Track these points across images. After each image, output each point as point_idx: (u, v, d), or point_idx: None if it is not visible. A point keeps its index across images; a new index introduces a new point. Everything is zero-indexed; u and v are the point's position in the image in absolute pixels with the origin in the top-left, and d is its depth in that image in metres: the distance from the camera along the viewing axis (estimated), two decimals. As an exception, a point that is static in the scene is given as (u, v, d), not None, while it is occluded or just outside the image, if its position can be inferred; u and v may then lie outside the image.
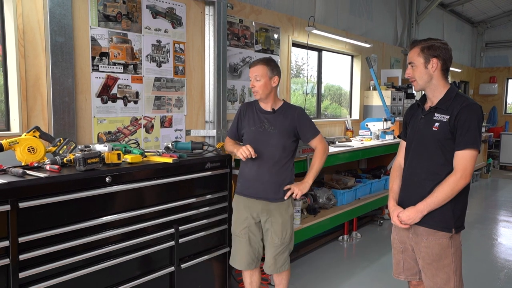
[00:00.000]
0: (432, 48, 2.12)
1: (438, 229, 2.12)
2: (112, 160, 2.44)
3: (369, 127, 5.82)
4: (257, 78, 2.68)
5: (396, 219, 2.22)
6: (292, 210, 2.82)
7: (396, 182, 2.34)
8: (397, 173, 2.37)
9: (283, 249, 2.78)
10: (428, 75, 2.14)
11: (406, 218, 2.16)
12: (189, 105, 3.80)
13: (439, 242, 2.13)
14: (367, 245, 4.71)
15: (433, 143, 2.12)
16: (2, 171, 2.14)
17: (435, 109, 2.15)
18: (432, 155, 2.13)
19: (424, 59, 2.13)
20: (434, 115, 2.14)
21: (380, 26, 7.09)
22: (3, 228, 1.95)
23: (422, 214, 2.12)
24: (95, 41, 3.05)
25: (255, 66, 2.71)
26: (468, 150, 2.03)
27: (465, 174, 2.03)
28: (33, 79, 2.75)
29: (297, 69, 5.67)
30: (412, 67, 2.18)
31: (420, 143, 2.19)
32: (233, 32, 4.18)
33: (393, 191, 2.34)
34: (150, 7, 3.42)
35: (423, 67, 2.13)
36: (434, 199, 2.08)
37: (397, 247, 2.35)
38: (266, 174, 2.71)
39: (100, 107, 3.12)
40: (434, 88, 2.16)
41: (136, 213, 2.49)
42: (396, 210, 2.24)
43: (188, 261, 2.82)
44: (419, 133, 2.20)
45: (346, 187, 4.86)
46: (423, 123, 2.19)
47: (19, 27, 2.65)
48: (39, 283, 2.07)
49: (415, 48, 2.17)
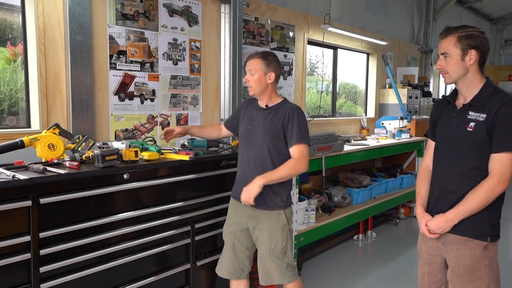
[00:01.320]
0: (470, 38, 1.87)
1: (471, 237, 1.89)
2: (129, 157, 2.47)
3: (384, 125, 5.76)
4: (252, 72, 2.45)
5: (425, 228, 2.00)
6: (284, 220, 2.48)
7: (424, 186, 2.12)
8: (424, 176, 2.14)
9: (275, 260, 2.48)
10: (464, 68, 1.90)
11: (435, 228, 1.96)
12: (204, 103, 3.81)
13: (471, 252, 1.90)
14: (383, 244, 4.67)
15: (467, 145, 1.90)
16: (23, 167, 2.19)
17: (470, 107, 1.92)
18: (465, 158, 1.92)
19: (462, 50, 1.88)
20: (468, 113, 1.91)
21: (397, 23, 7.01)
22: (25, 223, 1.99)
23: (453, 223, 1.91)
24: (113, 39, 3.08)
25: (250, 60, 2.48)
26: (507, 153, 1.81)
27: (503, 179, 1.82)
28: (53, 77, 2.79)
29: (311, 67, 5.65)
30: (445, 58, 1.93)
31: (452, 144, 1.97)
32: (249, 30, 4.19)
33: (420, 196, 2.12)
34: (167, 5, 3.44)
35: (459, 59, 1.89)
36: (467, 207, 1.86)
37: (424, 258, 2.15)
38: (251, 177, 2.37)
39: (117, 105, 3.16)
40: (469, 82, 1.93)
41: (153, 210, 2.52)
42: (424, 218, 2.03)
43: (203, 258, 2.84)
44: (451, 134, 1.98)
45: (361, 186, 4.83)
46: (455, 122, 1.96)
47: (40, 26, 2.70)
48: (58, 278, 2.11)
49: (451, 37, 1.91)
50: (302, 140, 2.40)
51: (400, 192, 5.25)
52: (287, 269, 2.51)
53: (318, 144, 3.75)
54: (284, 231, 2.49)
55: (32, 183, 1.98)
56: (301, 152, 2.39)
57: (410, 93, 6.37)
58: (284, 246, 2.49)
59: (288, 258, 2.52)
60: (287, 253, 2.51)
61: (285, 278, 2.50)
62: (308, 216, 3.81)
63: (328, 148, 3.87)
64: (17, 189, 1.93)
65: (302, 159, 2.38)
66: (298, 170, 2.42)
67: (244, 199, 2.32)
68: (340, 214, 4.19)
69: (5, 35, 2.77)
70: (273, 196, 2.46)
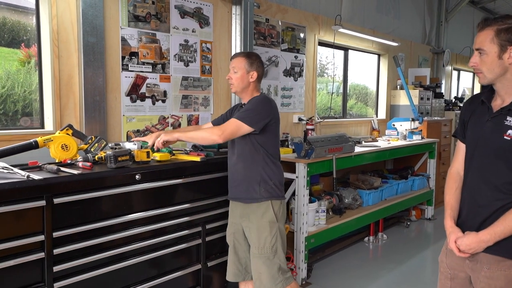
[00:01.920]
0: (511, 32, 1.61)
1: (506, 256, 1.66)
2: (141, 158, 2.49)
3: (396, 127, 5.72)
4: (234, 70, 2.52)
5: (453, 245, 1.76)
6: (272, 216, 2.47)
7: (454, 196, 1.86)
8: (455, 184, 1.88)
9: (266, 262, 2.45)
10: (502, 67, 1.65)
11: (466, 248, 1.72)
12: (215, 104, 3.83)
13: (505, 273, 1.68)
14: (394, 246, 4.64)
15: (503, 155, 1.66)
16: (37, 167, 2.22)
17: (508, 111, 1.66)
18: (500, 171, 1.68)
19: (500, 47, 1.62)
20: (506, 118, 1.66)
21: (408, 24, 6.96)
22: (39, 223, 2.02)
23: (486, 244, 1.67)
24: (125, 41, 3.11)
25: (234, 58, 2.57)
26: None
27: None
28: (66, 78, 2.83)
29: (321, 68, 5.64)
30: (480, 54, 1.68)
31: (484, 153, 1.73)
32: (259, 31, 4.19)
33: (450, 207, 1.86)
34: (178, 7, 3.46)
35: (496, 56, 1.64)
36: (506, 229, 1.63)
37: (445, 272, 1.91)
38: (236, 172, 2.53)
39: (129, 106, 3.19)
40: (508, 84, 1.68)
41: (164, 210, 2.53)
42: (454, 233, 1.78)
43: (214, 259, 2.85)
44: (484, 140, 1.73)
45: (372, 187, 4.80)
46: (490, 127, 1.71)
47: (54, 28, 2.73)
48: (71, 277, 2.13)
49: (488, 30, 1.65)
50: (239, 118, 2.40)
51: (412, 194, 5.20)
52: (279, 272, 2.48)
53: (328, 145, 3.74)
54: (272, 227, 2.48)
55: (46, 183, 2.00)
56: (228, 124, 2.41)
57: (422, 95, 6.32)
58: (273, 244, 2.47)
59: (279, 259, 2.50)
60: (278, 253, 2.49)
61: (277, 283, 2.46)
62: (318, 217, 3.80)
63: (339, 150, 3.85)
64: (31, 189, 1.96)
65: (220, 129, 2.39)
66: (210, 137, 2.41)
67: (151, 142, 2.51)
68: (351, 215, 4.17)
69: (19, 37, 2.81)
70: (256, 186, 2.47)
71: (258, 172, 2.48)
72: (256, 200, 2.48)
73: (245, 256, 2.62)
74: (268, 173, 2.50)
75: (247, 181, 2.49)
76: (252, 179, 2.48)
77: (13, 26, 2.78)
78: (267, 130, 2.47)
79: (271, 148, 2.51)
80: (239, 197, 2.55)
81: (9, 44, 2.78)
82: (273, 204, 2.50)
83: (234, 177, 2.56)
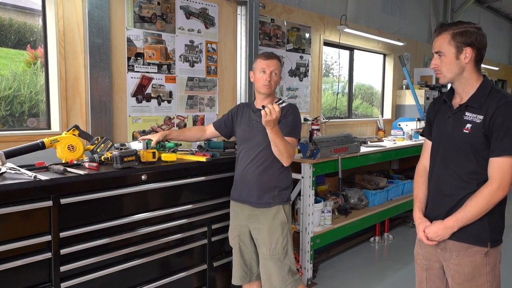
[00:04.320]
0: (465, 35, 1.78)
1: (471, 243, 1.82)
2: (147, 159, 2.50)
3: (401, 127, 5.70)
4: (275, 72, 2.47)
5: (422, 234, 1.92)
6: (283, 217, 2.47)
7: (422, 189, 2.03)
8: (422, 178, 2.05)
9: (277, 263, 2.45)
10: (459, 67, 1.81)
11: (434, 235, 1.88)
12: (221, 104, 3.83)
13: (472, 259, 1.83)
14: (399, 247, 4.62)
15: (463, 147, 1.82)
16: (44, 168, 2.23)
17: (466, 107, 1.83)
18: (462, 162, 1.83)
19: (456, 48, 1.79)
20: (465, 114, 1.83)
21: (413, 23, 6.93)
22: (46, 223, 2.03)
23: (452, 230, 1.83)
24: (131, 42, 3.12)
25: (273, 60, 2.48)
26: (507, 158, 1.72)
27: (503, 185, 1.74)
28: (72, 79, 2.84)
29: (326, 68, 5.62)
30: (440, 56, 1.84)
31: (448, 147, 1.89)
32: (265, 32, 4.19)
33: (418, 200, 2.03)
34: (184, 7, 3.47)
35: (454, 57, 1.80)
36: (467, 214, 1.79)
37: (421, 263, 2.05)
38: (249, 175, 2.47)
39: (135, 107, 3.20)
40: (465, 82, 1.84)
41: (170, 211, 2.53)
42: (422, 223, 1.94)
43: (220, 259, 2.85)
44: (447, 135, 1.89)
45: (378, 187, 4.78)
46: (451, 123, 1.88)
47: (60, 29, 2.75)
48: (78, 277, 2.14)
49: (444, 34, 1.81)
50: (291, 135, 2.43)
51: (418, 194, 5.17)
52: (289, 273, 2.47)
53: (334, 145, 3.73)
54: (284, 228, 2.47)
55: (53, 184, 2.01)
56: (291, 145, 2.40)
57: (428, 94, 6.28)
58: (285, 245, 2.46)
59: (290, 260, 2.49)
60: (288, 254, 2.48)
61: (287, 285, 2.46)
62: (324, 217, 3.80)
63: (344, 150, 3.84)
64: (38, 190, 1.97)
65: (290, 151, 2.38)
66: (287, 159, 2.40)
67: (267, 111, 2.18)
68: (356, 216, 4.16)
69: (25, 38, 2.83)
70: (271, 192, 2.46)
71: (273, 178, 2.45)
72: (269, 205, 2.46)
73: (250, 258, 2.60)
74: (283, 179, 2.49)
75: (260, 186, 2.45)
76: (266, 184, 2.45)
77: (19, 27, 2.80)
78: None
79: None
80: (249, 201, 2.51)
81: (15, 46, 2.79)
82: (284, 207, 2.49)
83: (245, 180, 2.50)
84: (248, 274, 2.62)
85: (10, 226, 1.92)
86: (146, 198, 2.44)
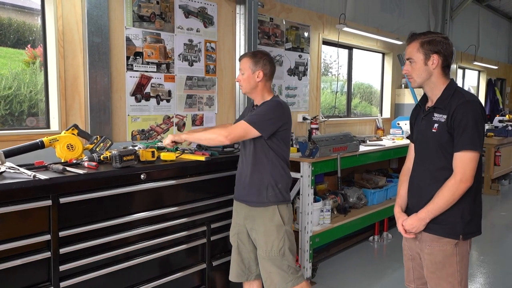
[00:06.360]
0: (432, 43, 1.96)
1: (443, 235, 1.97)
2: (146, 158, 2.50)
3: (400, 125, 5.70)
4: (242, 72, 2.49)
5: (401, 228, 2.10)
6: (279, 220, 2.44)
7: (403, 187, 2.20)
8: (405, 177, 2.22)
9: (275, 263, 2.44)
10: (428, 72, 1.99)
11: (410, 227, 2.04)
12: (220, 103, 3.83)
13: (442, 249, 1.98)
14: (398, 246, 4.58)
15: (433, 145, 1.99)
16: (43, 167, 2.23)
17: (434, 109, 2.01)
18: (433, 159, 2.00)
19: (424, 55, 1.97)
20: (433, 115, 2.00)
21: (412, 22, 6.93)
22: (45, 223, 2.03)
23: (425, 221, 1.99)
24: (130, 41, 3.12)
25: (241, 60, 2.53)
26: (466, 152, 1.88)
27: (465, 177, 1.88)
28: (72, 79, 2.84)
29: (325, 67, 5.63)
30: (410, 63, 2.02)
31: (422, 146, 2.08)
32: (264, 31, 4.19)
33: (399, 196, 2.21)
34: (183, 7, 3.47)
35: (423, 63, 1.98)
36: (435, 206, 1.94)
37: (407, 254, 2.23)
38: (243, 174, 2.50)
39: (134, 106, 3.20)
40: (433, 85, 2.01)
41: (169, 210, 2.54)
42: (400, 218, 2.12)
43: (219, 258, 2.85)
44: (422, 136, 2.08)
45: (377, 186, 4.79)
46: (424, 124, 2.06)
47: (59, 29, 2.74)
48: (77, 276, 2.15)
49: (414, 43, 2.01)
50: (249, 121, 2.36)
51: (417, 193, 5.18)
52: (289, 271, 2.47)
53: (333, 144, 3.73)
54: (280, 231, 2.44)
55: (52, 183, 2.02)
56: (237, 127, 2.39)
57: (427, 93, 6.28)
58: (281, 248, 2.44)
59: (288, 260, 2.47)
60: (286, 255, 2.46)
61: (288, 282, 2.45)
62: (323, 217, 3.80)
63: (343, 149, 3.85)
64: (38, 189, 1.97)
65: (228, 131, 2.36)
66: (217, 138, 2.38)
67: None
68: (356, 215, 4.16)
69: (24, 38, 2.82)
70: (264, 190, 2.43)
71: (266, 176, 2.44)
72: (263, 204, 2.45)
73: (248, 257, 2.59)
74: (276, 178, 2.45)
75: (254, 184, 2.45)
76: (260, 183, 2.44)
77: (18, 26, 2.80)
78: (278, 135, 2.43)
79: (280, 152, 2.46)
80: (245, 200, 2.52)
81: (14, 45, 2.79)
82: (280, 208, 2.46)
83: (242, 178, 2.52)
84: (246, 273, 2.61)
85: (9, 225, 1.92)
86: (145, 197, 2.44)
